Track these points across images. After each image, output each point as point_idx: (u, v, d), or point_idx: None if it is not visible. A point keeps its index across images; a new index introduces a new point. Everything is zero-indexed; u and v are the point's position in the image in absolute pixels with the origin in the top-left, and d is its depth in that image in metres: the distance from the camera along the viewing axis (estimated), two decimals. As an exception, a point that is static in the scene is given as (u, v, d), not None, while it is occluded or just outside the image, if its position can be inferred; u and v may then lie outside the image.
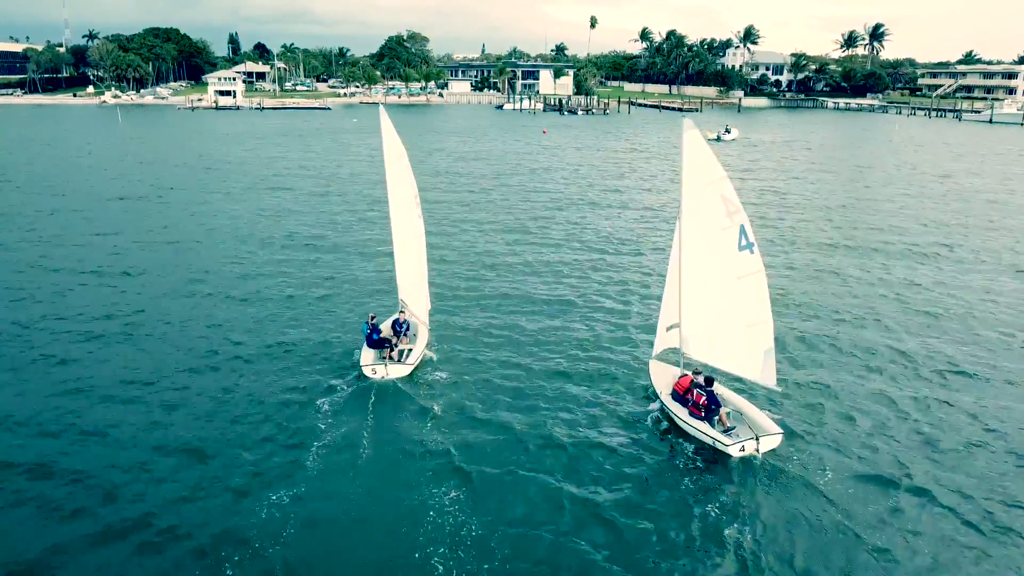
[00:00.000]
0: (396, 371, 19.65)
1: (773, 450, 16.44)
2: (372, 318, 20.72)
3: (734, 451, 16.16)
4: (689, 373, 18.09)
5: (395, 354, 20.08)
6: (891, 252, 34.89)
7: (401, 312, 21.44)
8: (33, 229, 37.63)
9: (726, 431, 16.83)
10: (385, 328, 21.05)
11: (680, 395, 17.77)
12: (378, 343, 20.30)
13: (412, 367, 19.96)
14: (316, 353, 21.71)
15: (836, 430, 17.79)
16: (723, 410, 17.11)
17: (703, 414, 17.05)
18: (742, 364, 17.11)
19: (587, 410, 18.72)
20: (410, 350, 20.37)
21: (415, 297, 21.65)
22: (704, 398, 17.08)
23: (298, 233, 37.46)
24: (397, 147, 20.33)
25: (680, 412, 17.46)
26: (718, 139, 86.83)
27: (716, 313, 17.09)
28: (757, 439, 16.29)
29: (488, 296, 27.58)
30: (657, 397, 18.71)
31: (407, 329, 21.00)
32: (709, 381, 17.37)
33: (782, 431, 16.77)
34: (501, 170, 62.46)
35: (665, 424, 17.96)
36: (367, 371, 19.57)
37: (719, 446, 16.40)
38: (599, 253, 34.21)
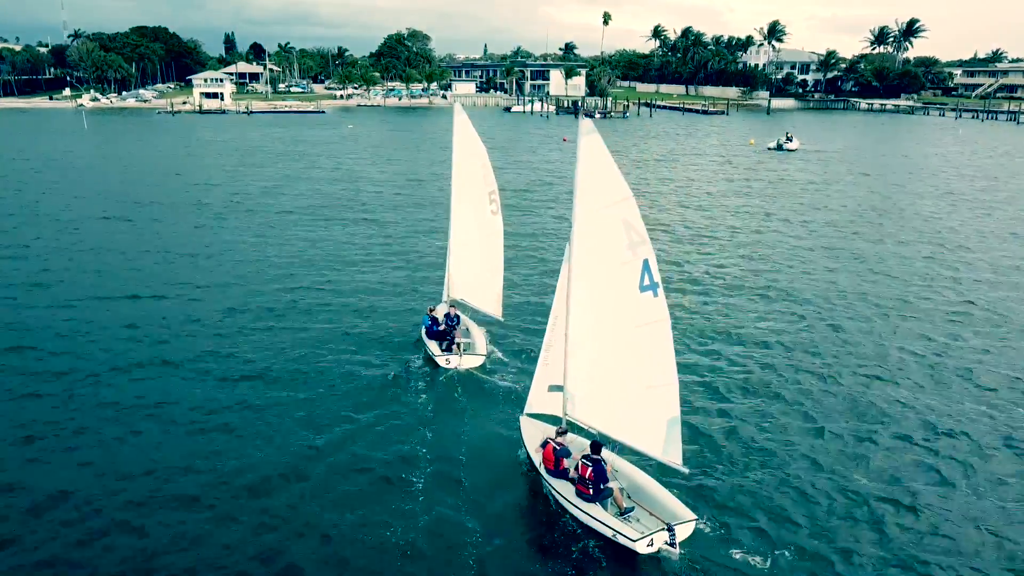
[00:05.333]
0: (469, 361, 21.44)
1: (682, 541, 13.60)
2: (431, 310, 23.11)
3: (641, 547, 13.28)
4: (551, 439, 15.15)
5: (457, 347, 21.49)
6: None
7: (452, 307, 22.93)
8: None
9: (623, 514, 14.04)
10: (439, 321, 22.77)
11: (553, 470, 14.87)
12: (439, 335, 22.20)
13: (484, 357, 21.78)
14: (380, 343, 23.76)
15: (753, 510, 15.01)
16: (615, 485, 14.28)
17: (591, 492, 14.16)
18: (640, 435, 14.15)
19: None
20: (469, 343, 21.94)
21: (482, 293, 22.59)
22: (590, 470, 14.19)
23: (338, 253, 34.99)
24: (470, 145, 21.25)
25: (563, 490, 14.55)
26: (779, 147, 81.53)
27: (610, 369, 14.26)
28: (670, 529, 13.38)
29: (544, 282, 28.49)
30: (533, 467, 15.88)
31: (458, 323, 22.51)
32: (597, 447, 14.43)
33: (695, 517, 13.91)
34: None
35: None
36: (440, 361, 21.45)
37: (621, 540, 13.51)
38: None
